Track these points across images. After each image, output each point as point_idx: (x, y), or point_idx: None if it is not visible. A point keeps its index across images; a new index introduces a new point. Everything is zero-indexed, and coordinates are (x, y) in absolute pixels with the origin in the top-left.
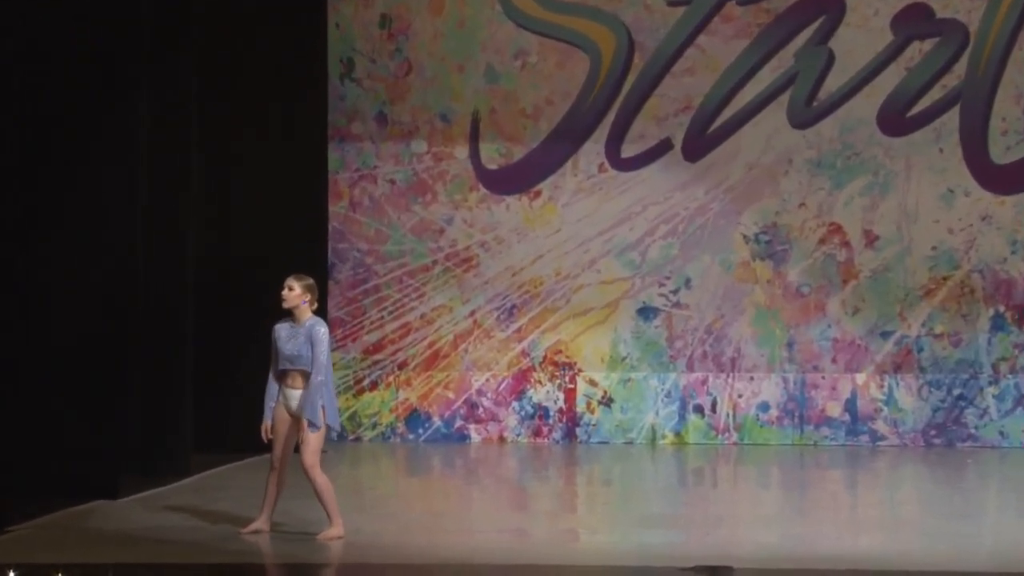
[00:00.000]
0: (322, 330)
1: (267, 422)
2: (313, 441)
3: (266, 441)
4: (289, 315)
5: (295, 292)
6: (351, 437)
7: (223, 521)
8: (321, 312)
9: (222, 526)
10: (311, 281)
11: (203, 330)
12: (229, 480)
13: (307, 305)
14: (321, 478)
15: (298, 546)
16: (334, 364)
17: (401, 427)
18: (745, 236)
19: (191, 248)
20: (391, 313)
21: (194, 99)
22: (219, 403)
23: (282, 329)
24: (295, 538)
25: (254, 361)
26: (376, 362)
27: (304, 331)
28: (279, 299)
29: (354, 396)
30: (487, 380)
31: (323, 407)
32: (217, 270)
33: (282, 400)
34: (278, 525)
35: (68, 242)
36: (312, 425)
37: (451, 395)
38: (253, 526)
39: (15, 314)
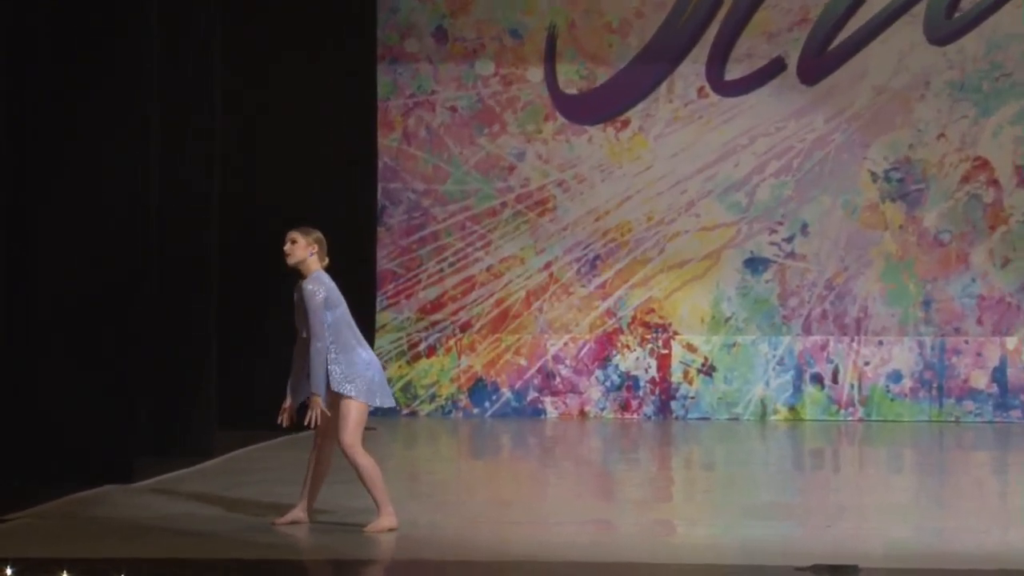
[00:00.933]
0: (309, 287)
1: (285, 403)
2: (351, 416)
3: (283, 425)
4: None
5: (299, 245)
6: (405, 412)
7: (252, 510)
8: (368, 265)
9: (251, 515)
10: (319, 234)
11: (229, 290)
12: (259, 462)
13: (314, 259)
14: (364, 459)
15: (341, 539)
16: (384, 325)
17: (464, 400)
18: (873, 173)
19: (215, 194)
20: (452, 265)
21: (215, 10)
22: (248, 373)
23: (294, 292)
24: (338, 530)
25: (289, 324)
26: (434, 323)
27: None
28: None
29: (408, 363)
30: (565, 344)
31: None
32: (245, 219)
33: None
34: (319, 514)
35: (70, 191)
36: (343, 396)
37: (523, 362)
38: (290, 516)
39: (14, 271)
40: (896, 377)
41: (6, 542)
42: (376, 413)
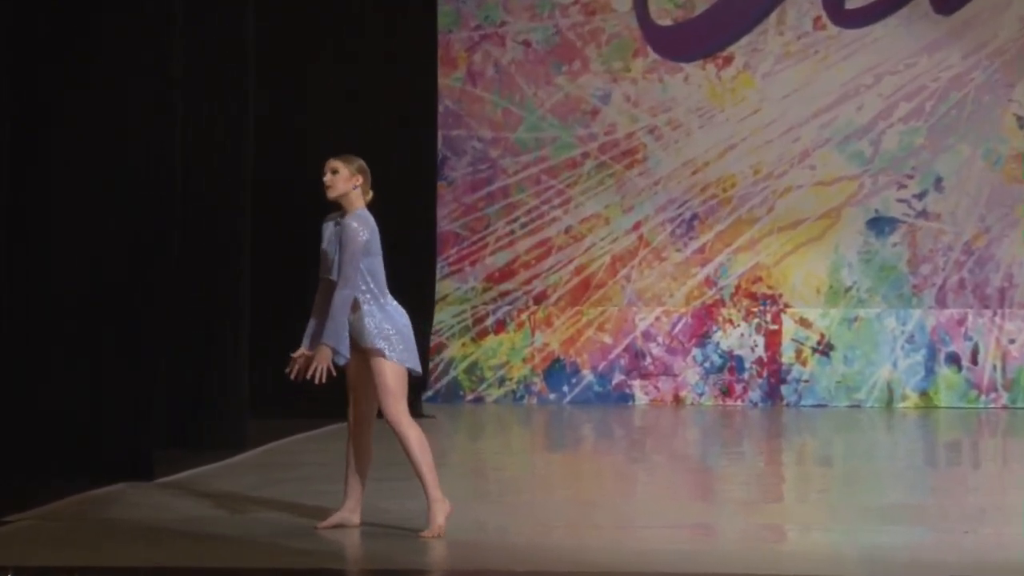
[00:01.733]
0: (354, 225)
1: (298, 351)
2: (388, 381)
3: (292, 378)
4: (336, 209)
5: (340, 175)
6: (470, 397)
7: (290, 510)
8: (427, 226)
9: (288, 517)
10: (363, 163)
11: (264, 263)
12: (298, 455)
13: (357, 194)
14: (413, 430)
15: (393, 545)
16: (445, 296)
17: (539, 384)
18: (1019, 118)
19: (250, 143)
20: (524, 227)
21: None
22: (284, 357)
23: (326, 227)
24: (390, 534)
25: None
26: (504, 294)
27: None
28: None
29: (473, 341)
30: (657, 319)
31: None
32: (281, 176)
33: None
34: (368, 515)
35: (87, 155)
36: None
37: (608, 340)
38: (334, 518)
39: (25, 245)
40: None
41: (8, 547)
42: (436, 399)
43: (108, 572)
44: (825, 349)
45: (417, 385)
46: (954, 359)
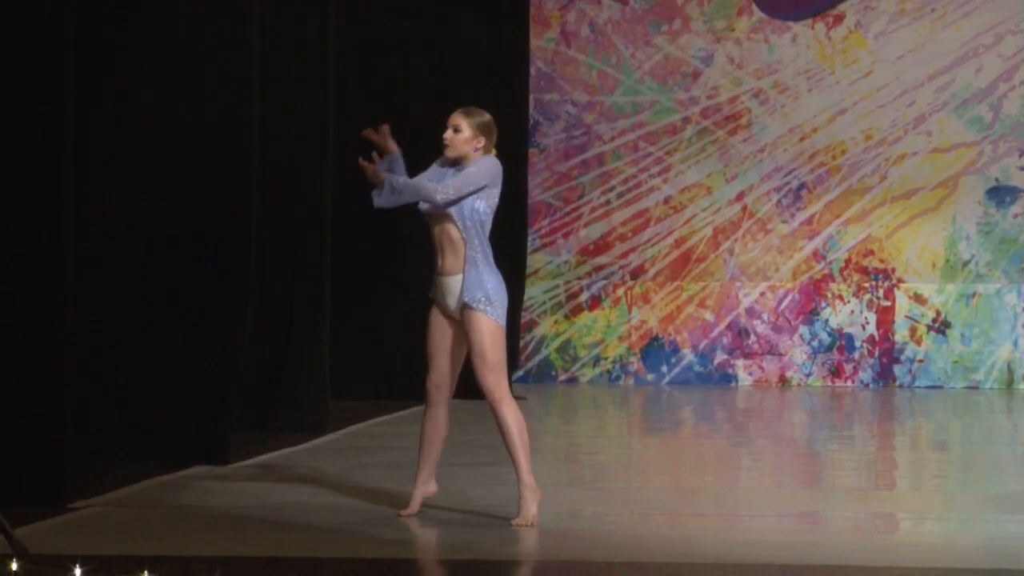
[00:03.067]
0: (481, 165)
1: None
2: (487, 341)
3: (361, 166)
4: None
5: (463, 136)
6: (563, 378)
7: (373, 497)
8: (518, 195)
9: (373, 504)
10: (487, 118)
11: (347, 234)
12: (382, 439)
13: (480, 155)
14: (511, 408)
15: (481, 534)
16: (537, 270)
17: (636, 363)
18: None
19: (332, 108)
20: (621, 196)
21: None
22: (369, 334)
23: (433, 170)
24: (479, 523)
25: (420, 270)
26: (599, 268)
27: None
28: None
29: (566, 318)
30: (762, 295)
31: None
32: (368, 146)
33: (436, 294)
34: (451, 501)
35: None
36: (479, 311)
37: (710, 317)
38: (415, 499)
39: (88, 200)
40: None
41: (76, 535)
42: (526, 379)
43: (180, 562)
44: (941, 327)
45: (507, 365)
46: None
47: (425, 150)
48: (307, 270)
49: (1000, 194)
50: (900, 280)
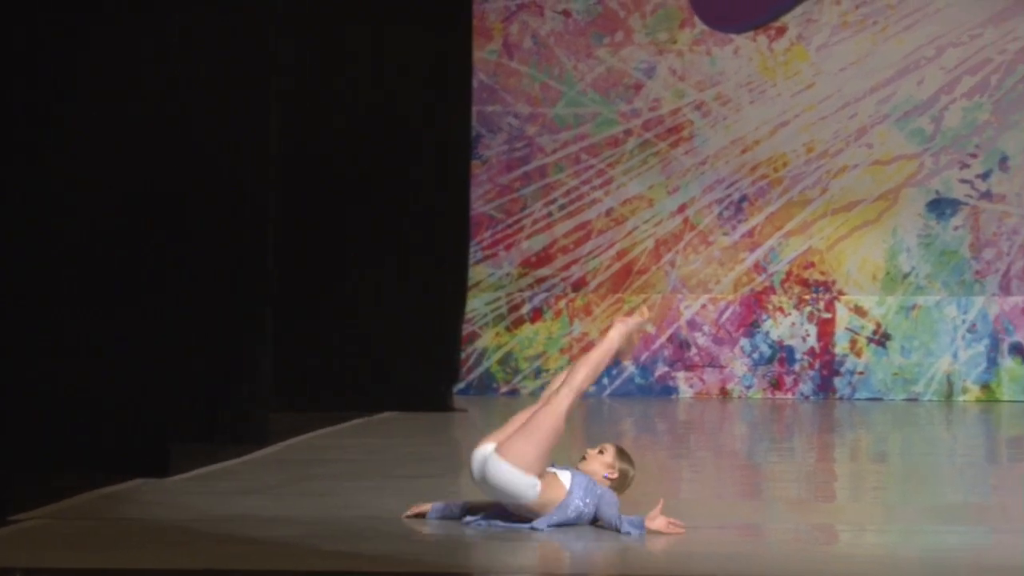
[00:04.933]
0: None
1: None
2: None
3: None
4: None
5: (605, 459)
6: (504, 390)
7: (315, 510)
8: (460, 207)
9: (314, 517)
10: (631, 468)
11: (291, 242)
12: (324, 451)
13: (607, 484)
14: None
15: (423, 546)
16: (478, 283)
17: None
18: None
19: (276, 116)
20: (563, 208)
21: None
22: (311, 344)
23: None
24: (421, 533)
25: (362, 276)
26: (540, 280)
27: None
28: (395, 190)
29: (508, 330)
30: (703, 307)
31: None
32: (309, 156)
33: None
34: (392, 512)
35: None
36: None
37: (650, 329)
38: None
39: (24, 205)
40: None
41: (16, 547)
42: (468, 391)
43: (124, 574)
44: (881, 339)
45: (448, 377)
46: (1018, 350)
47: (367, 160)
48: (250, 280)
49: (941, 206)
50: (841, 292)
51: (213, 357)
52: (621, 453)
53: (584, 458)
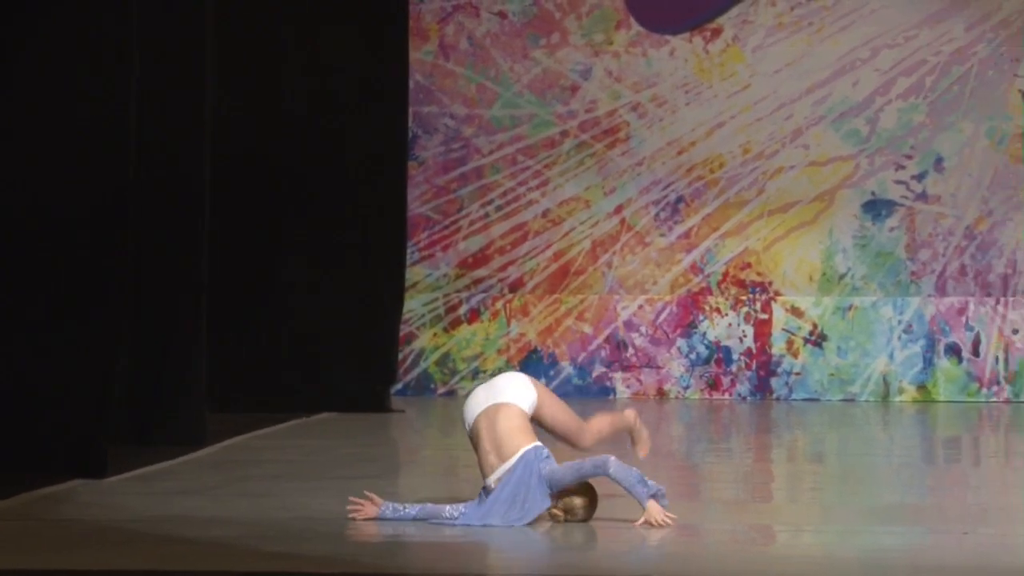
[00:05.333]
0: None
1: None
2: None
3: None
4: None
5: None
6: (441, 390)
7: (252, 511)
8: (396, 208)
9: (251, 517)
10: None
11: (226, 242)
12: (262, 452)
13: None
14: None
15: (359, 548)
16: (416, 283)
17: None
18: None
19: (210, 117)
20: (500, 209)
21: None
22: (248, 345)
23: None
24: (355, 535)
25: (299, 277)
26: (477, 281)
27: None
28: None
29: (445, 331)
30: (640, 308)
31: None
32: (246, 151)
33: None
34: (328, 514)
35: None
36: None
37: (588, 329)
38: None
39: None
40: None
41: None
42: (405, 392)
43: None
44: (818, 340)
45: (385, 378)
46: (954, 350)
47: (303, 159)
48: (185, 281)
49: (876, 207)
50: (777, 293)
51: (150, 358)
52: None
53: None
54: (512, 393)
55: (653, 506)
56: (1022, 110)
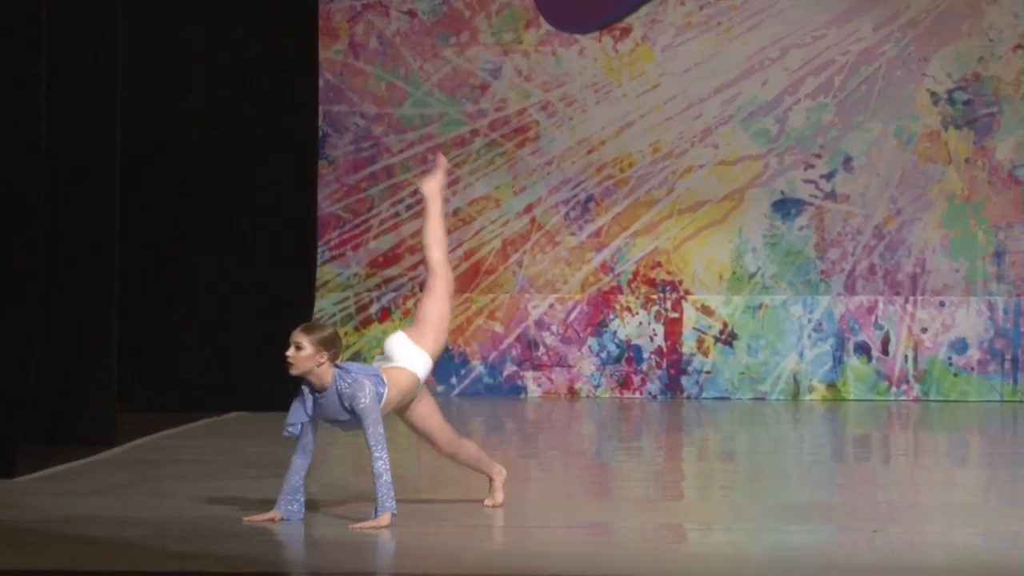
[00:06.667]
0: (363, 401)
1: (274, 512)
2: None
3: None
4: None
5: (305, 353)
6: None
7: (165, 510)
8: (306, 207)
9: (159, 517)
10: (329, 332)
11: (136, 238)
12: (172, 451)
13: (326, 367)
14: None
15: (271, 546)
16: (326, 282)
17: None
18: (933, 94)
19: (115, 118)
20: (410, 208)
21: None
22: (159, 343)
23: (305, 399)
24: (262, 534)
25: (210, 276)
26: (388, 280)
27: (334, 398)
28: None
29: (356, 330)
30: (551, 307)
31: None
32: (153, 155)
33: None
34: (238, 514)
35: None
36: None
37: (499, 328)
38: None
39: None
40: (960, 347)
41: None
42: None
43: None
44: (728, 338)
45: (297, 377)
46: (863, 349)
47: (213, 159)
48: (96, 280)
49: (786, 207)
50: (687, 292)
51: (58, 357)
52: (308, 330)
53: (290, 364)
54: (401, 358)
55: (385, 520)
56: (930, 110)
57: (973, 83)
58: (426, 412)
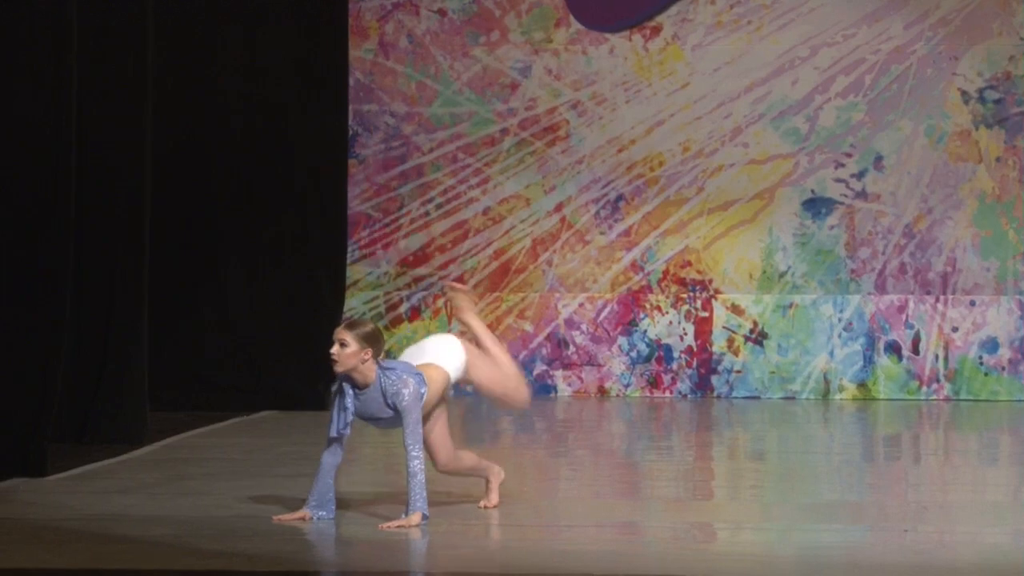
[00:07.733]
0: (406, 399)
1: (304, 511)
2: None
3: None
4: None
5: (350, 350)
6: None
7: (191, 509)
8: (337, 206)
9: (190, 516)
10: (371, 328)
11: (167, 239)
12: (202, 450)
13: (370, 365)
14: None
15: (298, 545)
16: (356, 281)
17: None
18: (964, 93)
19: (149, 116)
20: (440, 207)
21: None
22: (189, 343)
23: (347, 395)
24: (293, 534)
25: (240, 275)
26: (418, 279)
27: (377, 394)
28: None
29: (386, 328)
30: (581, 306)
31: None
32: (185, 154)
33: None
34: (270, 513)
35: None
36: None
37: (528, 327)
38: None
39: None
40: (991, 346)
41: None
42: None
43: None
44: (758, 338)
45: (327, 376)
46: (894, 348)
47: (243, 158)
48: (125, 279)
49: (816, 206)
50: (717, 291)
51: (89, 356)
52: (351, 326)
53: (335, 362)
54: (435, 354)
55: (416, 519)
56: (960, 109)
57: (1004, 82)
58: (440, 427)
